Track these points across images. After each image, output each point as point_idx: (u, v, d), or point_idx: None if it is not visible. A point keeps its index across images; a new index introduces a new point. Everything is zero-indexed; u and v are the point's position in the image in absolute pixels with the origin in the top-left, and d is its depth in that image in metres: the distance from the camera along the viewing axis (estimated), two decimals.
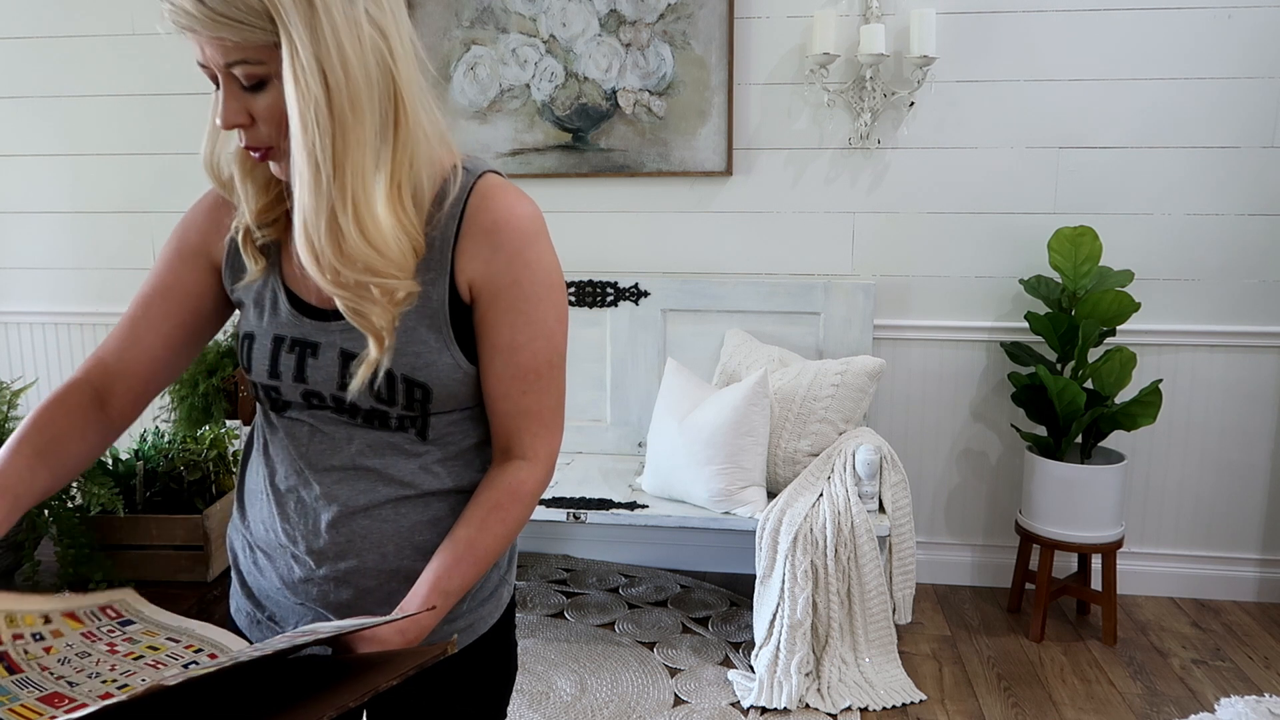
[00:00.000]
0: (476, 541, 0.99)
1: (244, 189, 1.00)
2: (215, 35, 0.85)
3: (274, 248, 1.03)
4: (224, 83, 0.89)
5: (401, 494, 1.03)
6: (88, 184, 3.33)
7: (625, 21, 2.98)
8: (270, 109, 0.89)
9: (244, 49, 0.86)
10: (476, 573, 0.99)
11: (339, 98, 0.86)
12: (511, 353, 0.99)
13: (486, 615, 1.11)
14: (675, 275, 3.08)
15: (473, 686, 1.12)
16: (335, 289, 0.91)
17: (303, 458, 1.03)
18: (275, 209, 1.01)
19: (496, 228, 0.97)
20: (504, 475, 1.02)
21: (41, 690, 0.79)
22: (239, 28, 0.84)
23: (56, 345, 3.46)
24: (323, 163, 0.87)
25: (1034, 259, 2.95)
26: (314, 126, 0.86)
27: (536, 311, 0.99)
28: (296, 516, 1.04)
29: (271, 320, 1.02)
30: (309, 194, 0.89)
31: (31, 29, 3.24)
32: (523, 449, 1.03)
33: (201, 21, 0.84)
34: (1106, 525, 2.75)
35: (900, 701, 2.44)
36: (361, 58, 0.87)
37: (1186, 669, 2.64)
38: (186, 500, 2.53)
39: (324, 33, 0.85)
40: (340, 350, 0.99)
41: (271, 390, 1.03)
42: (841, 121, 2.98)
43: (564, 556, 3.36)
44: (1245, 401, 2.98)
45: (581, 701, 2.47)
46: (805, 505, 2.52)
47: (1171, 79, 2.84)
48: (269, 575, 1.08)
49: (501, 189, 0.99)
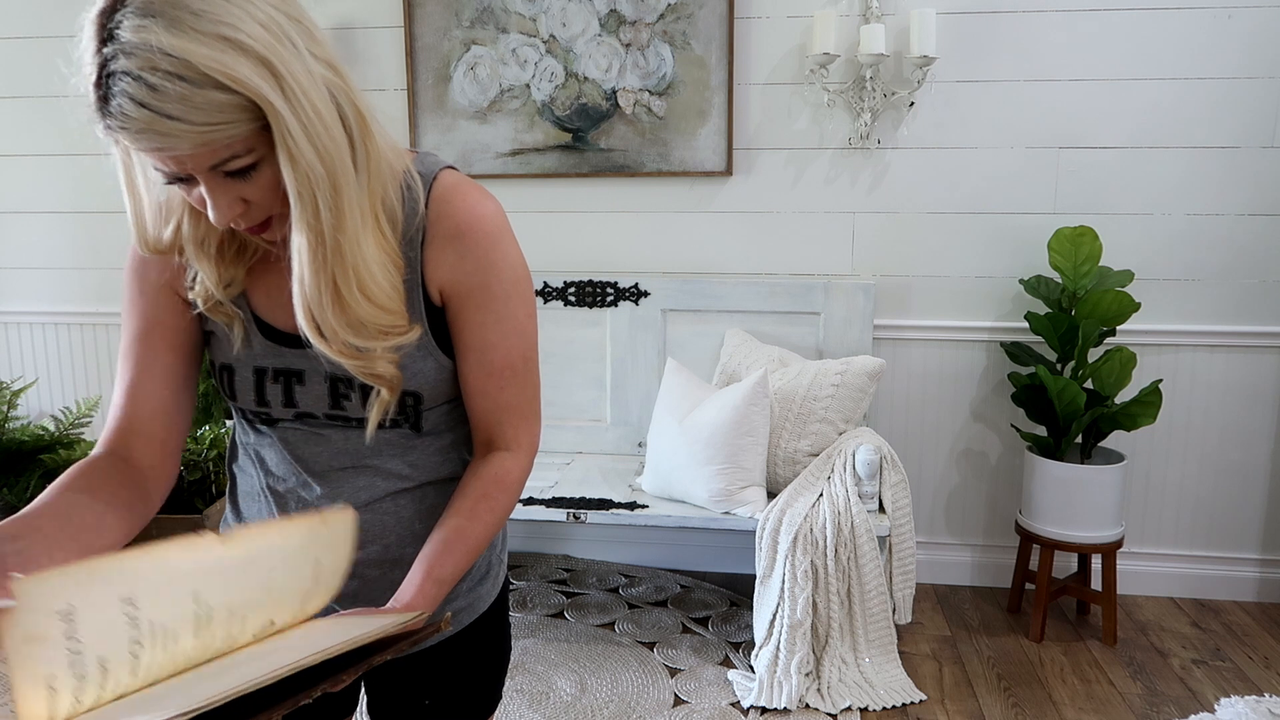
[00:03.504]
0: (466, 530, 0.99)
1: (199, 264, 0.95)
2: (201, 145, 0.79)
3: (240, 299, 1.00)
4: (208, 183, 0.83)
5: (400, 486, 1.04)
6: (88, 184, 3.33)
7: (625, 21, 2.98)
8: (265, 187, 0.86)
9: (231, 146, 0.81)
10: (468, 561, 1.00)
11: (331, 165, 0.84)
12: (485, 351, 1.00)
13: (485, 594, 1.13)
14: (675, 275, 3.08)
15: (472, 665, 1.14)
16: (344, 359, 0.91)
17: (299, 461, 1.04)
18: (232, 270, 0.97)
19: (461, 232, 0.97)
20: (489, 465, 1.03)
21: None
22: (224, 129, 0.79)
23: (56, 345, 3.46)
24: (327, 233, 0.86)
25: (1034, 259, 2.95)
26: (320, 202, 0.84)
27: (506, 310, 1.00)
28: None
29: (247, 353, 1.00)
30: (310, 270, 0.87)
31: (31, 29, 3.24)
32: (505, 440, 1.04)
33: (185, 140, 0.78)
34: (1106, 525, 2.75)
35: (900, 701, 2.44)
36: (329, 107, 0.84)
37: (1186, 669, 2.64)
38: (186, 500, 2.53)
39: (299, 99, 0.81)
40: (326, 374, 0.99)
41: (261, 414, 1.04)
42: (841, 121, 2.98)
43: (564, 556, 3.36)
44: (1245, 401, 2.98)
45: (581, 701, 2.47)
46: (805, 505, 2.52)
47: (1171, 79, 2.84)
48: None
49: (459, 190, 0.98)
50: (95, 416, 3.13)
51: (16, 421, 2.87)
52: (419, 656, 1.10)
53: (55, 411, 3.20)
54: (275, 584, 0.83)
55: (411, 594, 0.95)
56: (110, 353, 3.43)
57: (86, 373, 3.45)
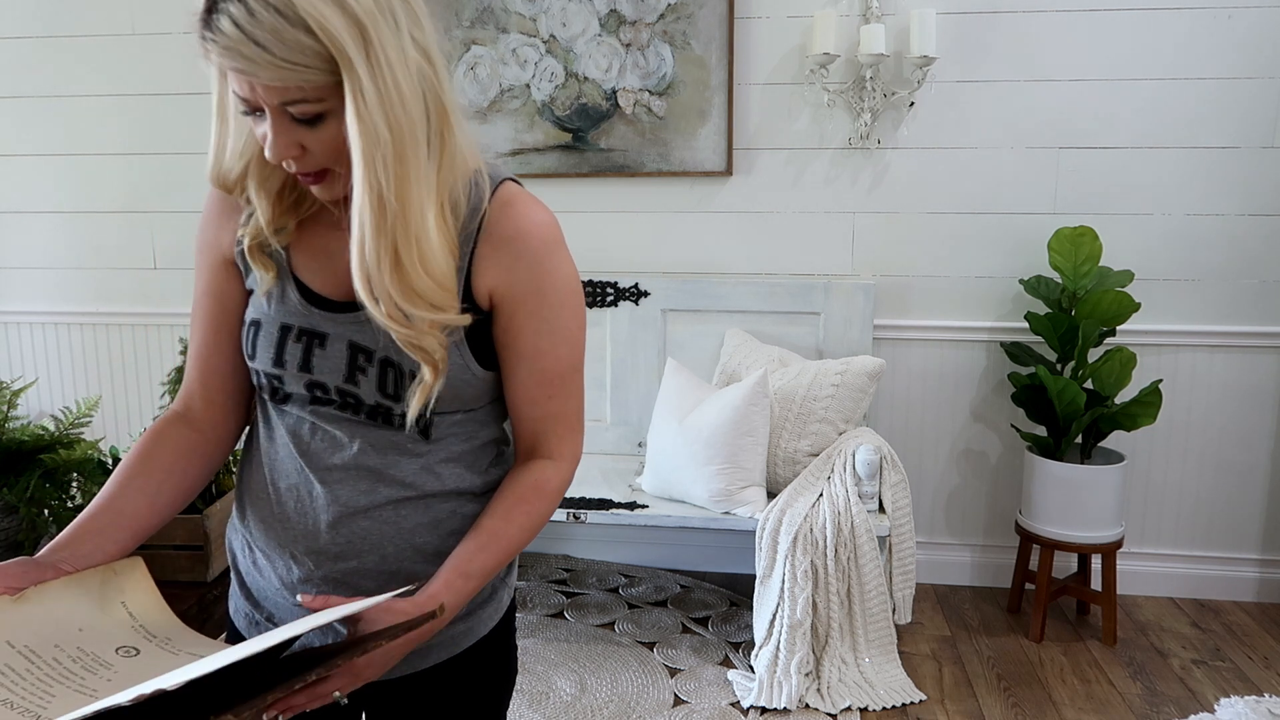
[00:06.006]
0: (500, 531, 1.00)
1: (258, 200, 1.00)
2: (276, 80, 0.84)
3: (283, 251, 1.04)
4: (273, 118, 0.88)
5: (402, 495, 1.02)
6: (88, 184, 3.33)
7: (625, 21, 2.98)
8: (327, 142, 0.89)
9: (304, 90, 0.85)
10: (498, 562, 1.00)
11: (400, 136, 0.87)
12: (537, 359, 1.01)
13: (486, 618, 1.11)
14: (675, 275, 3.08)
15: (472, 689, 1.12)
16: (392, 323, 0.92)
17: (304, 455, 1.03)
18: (286, 218, 1.02)
19: (518, 236, 0.98)
20: (530, 472, 1.04)
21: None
22: (302, 71, 0.84)
23: (56, 345, 3.46)
24: (389, 201, 0.88)
25: (1034, 259, 2.95)
26: (380, 168, 0.87)
27: (559, 319, 1.01)
28: (297, 516, 1.03)
29: (279, 309, 1.02)
30: (371, 232, 0.89)
31: (31, 29, 3.24)
32: (549, 450, 1.05)
33: (263, 67, 0.83)
34: (1106, 525, 2.75)
35: (900, 701, 2.44)
36: (413, 88, 0.89)
37: (1186, 669, 2.64)
38: None
39: (383, 71, 0.86)
40: (349, 342, 0.99)
41: (274, 379, 1.03)
42: (841, 121, 2.98)
43: (564, 556, 3.36)
44: (1245, 401, 2.98)
45: (581, 701, 2.47)
46: (805, 505, 2.52)
47: (1171, 79, 2.84)
48: (268, 575, 1.07)
49: (520, 198, 1.01)
50: (95, 416, 3.13)
51: (16, 421, 2.86)
52: (419, 678, 1.08)
53: (55, 411, 3.20)
54: (89, 623, 0.88)
55: (438, 586, 0.96)
56: (110, 353, 3.43)
57: (86, 373, 3.46)
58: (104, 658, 0.85)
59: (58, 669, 0.82)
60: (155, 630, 0.91)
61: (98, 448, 2.69)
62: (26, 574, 0.90)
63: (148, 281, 3.37)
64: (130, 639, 0.89)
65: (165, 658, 0.86)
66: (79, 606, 0.89)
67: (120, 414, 3.45)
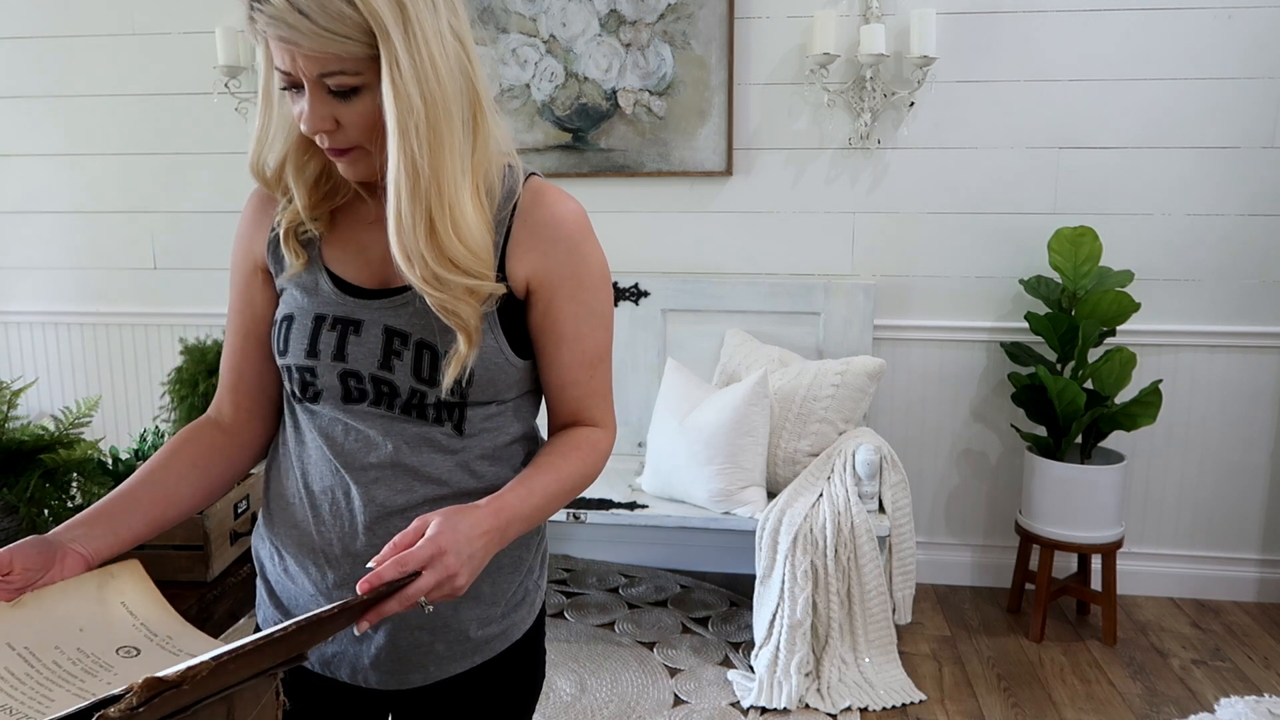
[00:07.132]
0: (558, 466, 1.03)
1: (295, 187, 1.03)
2: (316, 49, 0.87)
3: (315, 241, 1.06)
4: (311, 90, 0.91)
5: (438, 493, 1.02)
6: (88, 184, 3.33)
7: (625, 21, 2.98)
8: (361, 116, 0.92)
9: (342, 60, 0.89)
10: (558, 488, 1.02)
11: (434, 108, 0.91)
12: (577, 341, 1.04)
13: (520, 621, 1.10)
14: (675, 275, 3.08)
15: (500, 694, 1.11)
16: (427, 287, 0.94)
17: (338, 456, 1.02)
18: (322, 205, 1.05)
19: (554, 222, 1.02)
20: (580, 430, 1.08)
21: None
22: (342, 42, 0.87)
23: (56, 345, 3.46)
24: (422, 169, 0.91)
25: (1034, 259, 2.95)
26: (414, 136, 0.90)
27: (596, 302, 1.05)
28: (332, 519, 1.03)
29: (312, 300, 1.04)
30: (407, 199, 0.92)
31: (31, 29, 3.24)
32: (593, 420, 1.09)
33: (306, 36, 0.87)
34: (1106, 525, 2.75)
35: (900, 701, 2.44)
36: (449, 66, 0.92)
37: (1186, 669, 2.64)
38: None
39: (419, 45, 0.89)
40: (384, 327, 1.00)
41: (306, 372, 1.02)
42: (841, 121, 2.98)
43: (564, 556, 3.36)
44: (1245, 402, 2.98)
45: (581, 701, 2.47)
46: (805, 505, 2.52)
47: (1171, 79, 2.84)
48: (300, 582, 1.06)
49: (551, 188, 1.05)
50: (95, 416, 3.12)
51: (16, 421, 2.86)
52: (452, 683, 1.07)
53: (55, 411, 3.20)
54: (89, 623, 0.89)
55: (506, 497, 0.97)
56: (110, 352, 3.43)
57: (86, 373, 3.46)
58: (104, 659, 0.85)
59: (57, 671, 0.82)
60: (157, 629, 0.91)
61: (98, 448, 2.68)
62: (38, 554, 0.91)
63: (147, 282, 3.37)
64: (131, 638, 0.89)
65: (167, 658, 0.86)
66: (79, 607, 0.89)
67: (120, 414, 3.45)
